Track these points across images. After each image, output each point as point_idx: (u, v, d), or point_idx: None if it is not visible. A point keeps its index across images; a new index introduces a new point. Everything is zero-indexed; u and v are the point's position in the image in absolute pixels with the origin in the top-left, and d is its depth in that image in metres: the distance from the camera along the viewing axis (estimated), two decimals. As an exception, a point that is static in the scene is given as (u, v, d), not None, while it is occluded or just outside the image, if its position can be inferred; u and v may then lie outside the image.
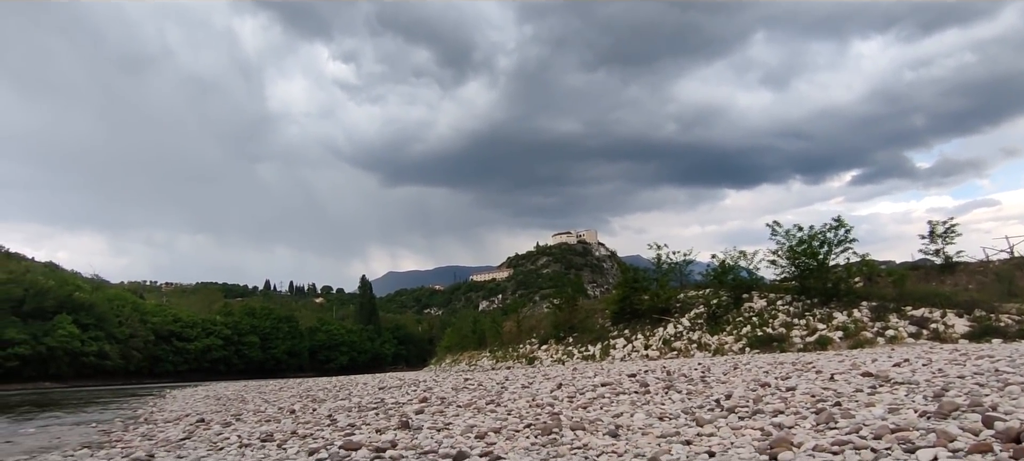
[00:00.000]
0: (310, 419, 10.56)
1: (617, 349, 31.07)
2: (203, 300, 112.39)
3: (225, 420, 12.12)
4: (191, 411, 15.70)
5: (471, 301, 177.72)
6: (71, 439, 11.71)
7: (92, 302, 70.61)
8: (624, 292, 35.16)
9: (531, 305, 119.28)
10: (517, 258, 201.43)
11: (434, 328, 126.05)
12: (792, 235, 28.64)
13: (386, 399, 12.81)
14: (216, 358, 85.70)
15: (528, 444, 6.25)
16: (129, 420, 15.18)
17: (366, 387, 18.85)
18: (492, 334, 49.51)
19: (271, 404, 15.49)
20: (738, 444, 5.36)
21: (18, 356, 59.45)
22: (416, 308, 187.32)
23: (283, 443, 7.94)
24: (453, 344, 57.29)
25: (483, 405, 9.97)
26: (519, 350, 39.93)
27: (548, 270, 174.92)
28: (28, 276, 66.43)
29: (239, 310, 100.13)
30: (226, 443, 8.61)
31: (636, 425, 6.76)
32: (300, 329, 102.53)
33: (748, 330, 26.67)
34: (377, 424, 8.71)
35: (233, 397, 20.79)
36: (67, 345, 64.04)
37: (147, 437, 10.61)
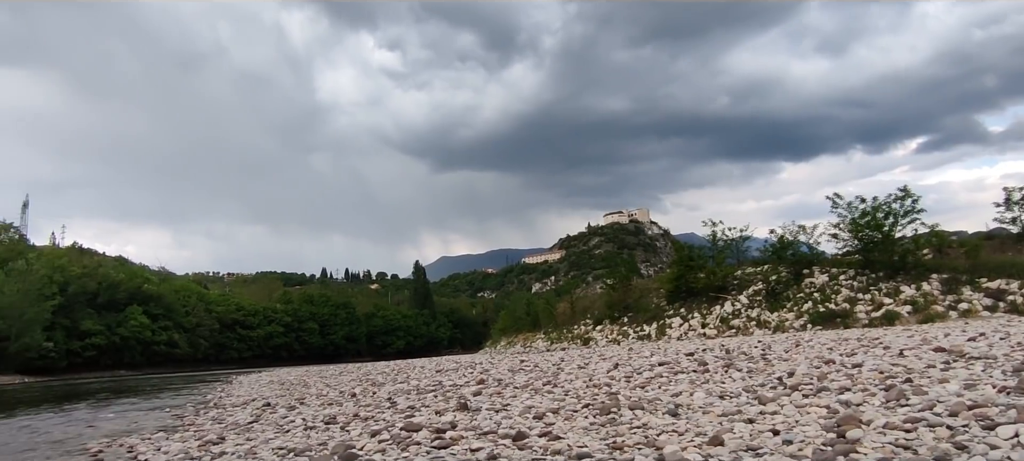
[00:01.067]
0: (371, 402, 10.79)
1: (673, 328, 30.71)
2: (263, 289, 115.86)
3: (290, 404, 12.50)
4: (257, 396, 16.24)
5: (524, 283, 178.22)
6: (147, 423, 12.27)
7: (160, 293, 73.73)
8: (679, 270, 34.66)
9: (584, 286, 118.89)
10: (569, 239, 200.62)
11: (488, 311, 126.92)
12: (854, 207, 27.66)
13: (444, 382, 12.98)
14: (278, 345, 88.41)
15: (587, 424, 6.24)
16: (200, 405, 15.81)
17: (423, 370, 19.15)
18: (546, 316, 49.55)
19: (332, 388, 15.89)
20: (803, 422, 5.23)
21: (95, 346, 62.69)
22: (469, 292, 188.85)
23: (346, 425, 8.13)
24: (507, 326, 57.58)
25: (540, 386, 9.99)
26: (573, 331, 39.88)
27: (600, 250, 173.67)
28: (101, 270, 69.76)
29: (298, 298, 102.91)
30: (292, 426, 8.87)
31: (696, 404, 6.67)
32: (357, 315, 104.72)
33: (809, 306, 25.97)
34: (436, 406, 8.84)
35: (296, 382, 21.42)
36: (139, 335, 67.16)
37: (218, 421, 11.03)
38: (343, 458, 5.80)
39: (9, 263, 56.75)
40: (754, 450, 4.51)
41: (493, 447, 5.53)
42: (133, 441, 9.30)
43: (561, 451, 5.06)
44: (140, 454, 7.95)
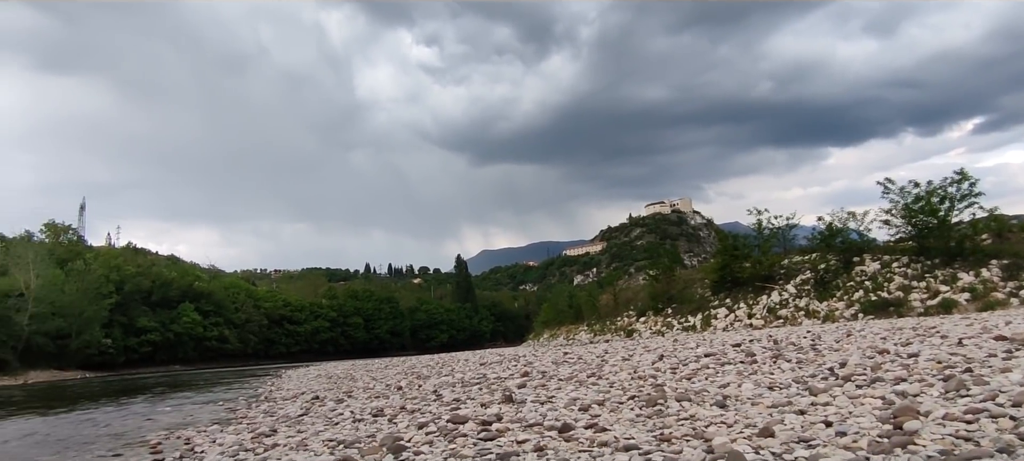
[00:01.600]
0: (417, 394, 10.91)
1: (719, 319, 30.27)
2: (309, 285, 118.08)
3: (338, 397, 12.73)
4: (306, 389, 16.59)
5: (565, 276, 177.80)
6: (202, 416, 12.65)
7: (211, 291, 75.89)
8: (724, 260, 34.09)
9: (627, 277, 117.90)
10: (610, 231, 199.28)
11: (530, 304, 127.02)
12: (907, 192, 26.78)
13: (488, 374, 13.04)
14: (324, 339, 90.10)
15: (633, 416, 6.20)
16: (251, 398, 16.23)
17: (467, 363, 19.27)
18: (588, 308, 49.35)
19: (379, 381, 16.12)
20: (857, 413, 5.09)
21: (151, 342, 64.94)
22: (511, 285, 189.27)
23: (393, 418, 8.24)
24: (550, 319, 57.55)
25: (584, 378, 9.96)
26: (616, 323, 39.64)
27: (642, 241, 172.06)
28: (154, 269, 72.15)
29: (343, 293, 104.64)
30: (340, 418, 9.04)
31: (744, 395, 6.56)
32: (401, 309, 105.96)
33: (861, 295, 25.28)
34: (481, 398, 8.89)
35: (343, 376, 21.79)
36: (191, 331, 69.30)
37: (269, 413, 11.31)
38: (391, 450, 5.88)
39: (68, 263, 59.08)
40: (806, 442, 4.42)
41: (539, 439, 5.53)
42: (189, 433, 9.60)
43: (608, 443, 5.03)
44: (197, 446, 8.20)
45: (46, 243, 63.97)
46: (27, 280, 50.95)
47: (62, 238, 70.00)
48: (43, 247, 59.97)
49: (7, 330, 47.20)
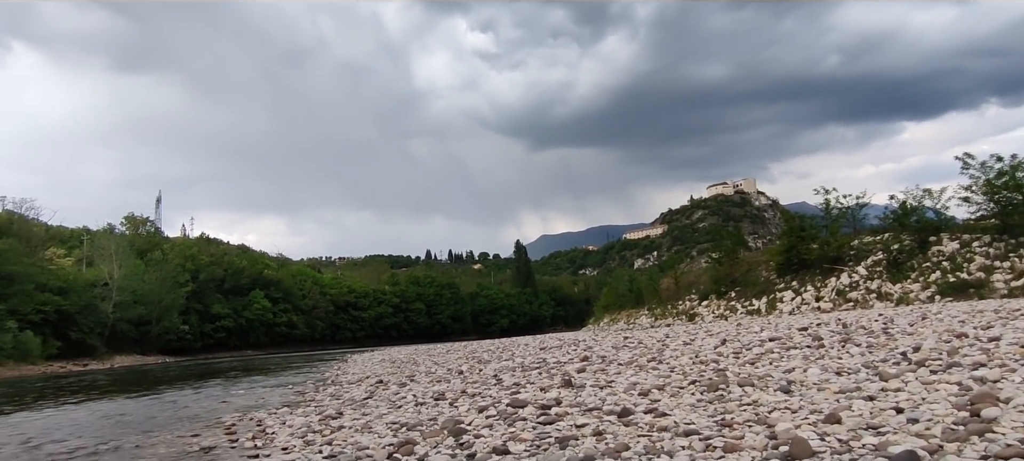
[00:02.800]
0: (477, 379, 11.05)
1: (785, 302, 29.47)
2: (372, 272, 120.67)
3: (401, 381, 13.02)
4: (371, 373, 17.01)
5: (625, 260, 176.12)
6: (273, 399, 13.15)
7: (279, 278, 78.61)
8: (790, 242, 33.10)
9: (688, 260, 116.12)
10: (671, 213, 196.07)
11: (590, 288, 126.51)
12: (989, 167, 25.36)
13: (548, 359, 13.08)
14: (388, 324, 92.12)
15: (694, 401, 6.12)
16: (319, 382, 16.76)
17: (527, 348, 19.37)
18: (649, 292, 48.82)
19: (440, 366, 16.39)
20: (930, 400, 4.89)
21: (225, 328, 67.89)
22: (571, 269, 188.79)
23: (454, 402, 8.37)
24: (610, 303, 57.23)
25: (644, 363, 9.88)
26: (678, 307, 39.10)
27: (704, 224, 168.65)
28: (226, 258, 75.17)
29: (405, 279, 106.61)
30: (403, 402, 9.24)
31: (810, 381, 6.38)
32: (461, 295, 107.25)
33: (937, 276, 24.16)
34: (541, 383, 8.93)
35: (406, 360, 22.24)
36: (262, 317, 72.03)
37: (335, 397, 11.66)
38: (452, 433, 5.98)
39: (147, 254, 62.12)
40: (875, 429, 4.27)
41: (598, 423, 5.53)
42: (261, 415, 10.00)
43: (667, 428, 4.99)
44: (268, 427, 8.54)
45: (127, 235, 67.47)
46: (111, 270, 53.87)
47: (141, 230, 73.73)
48: (124, 239, 63.25)
49: (94, 318, 50.07)
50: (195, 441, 8.09)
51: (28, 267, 46.82)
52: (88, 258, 57.80)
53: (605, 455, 4.41)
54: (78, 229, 67.16)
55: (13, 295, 42.65)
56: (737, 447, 4.21)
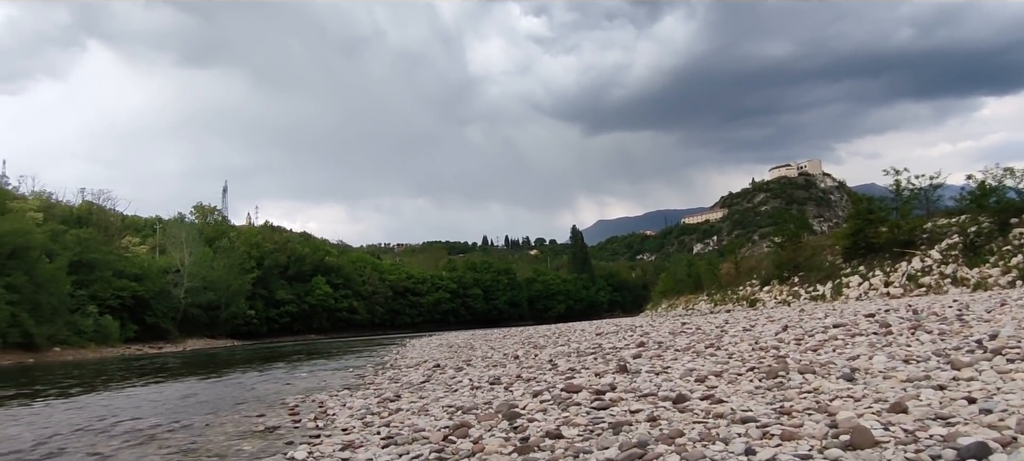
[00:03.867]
0: (532, 364, 11.09)
1: (851, 288, 28.49)
2: (430, 258, 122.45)
3: (457, 365, 13.19)
4: (428, 358, 17.29)
5: (684, 244, 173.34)
6: (334, 382, 13.52)
7: (340, 265, 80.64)
8: (857, 225, 31.90)
9: (750, 245, 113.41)
10: (731, 197, 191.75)
11: (647, 274, 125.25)
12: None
13: (603, 344, 13.02)
14: (445, 310, 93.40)
15: (751, 388, 5.98)
16: (378, 365, 17.14)
17: (583, 333, 19.33)
18: (708, 277, 47.98)
19: (496, 350, 16.52)
20: (1007, 390, 4.64)
21: (289, 313, 70.16)
22: (628, 255, 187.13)
23: (509, 386, 8.43)
24: (668, 289, 56.55)
25: (702, 349, 9.72)
26: (738, 292, 38.30)
27: (766, 207, 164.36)
28: (289, 245, 77.58)
29: (462, 265, 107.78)
30: (459, 385, 9.37)
31: (876, 368, 6.15)
32: (518, 280, 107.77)
33: (1019, 260, 22.89)
34: (596, 368, 8.90)
35: (463, 345, 22.50)
36: (324, 302, 74.10)
37: (394, 380, 11.91)
38: (506, 416, 6.03)
39: (215, 242, 64.56)
40: (944, 419, 4.09)
41: (653, 409, 5.47)
42: (323, 397, 10.31)
43: (724, 415, 4.89)
44: (329, 409, 8.80)
45: (196, 224, 70.30)
46: (182, 258, 56.27)
47: (209, 219, 76.70)
48: (194, 227, 65.92)
49: (168, 303, 52.45)
50: (260, 421, 8.40)
51: (107, 255, 49.42)
52: (161, 246, 60.54)
53: (659, 441, 4.37)
54: (151, 218, 70.39)
55: (94, 281, 45.06)
56: (795, 435, 4.10)
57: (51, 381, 18.35)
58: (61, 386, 16.45)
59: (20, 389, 15.91)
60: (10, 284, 34.56)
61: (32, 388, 16.09)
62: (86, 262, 45.29)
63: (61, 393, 14.36)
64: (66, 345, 37.93)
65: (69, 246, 44.28)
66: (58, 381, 18.30)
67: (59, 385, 16.79)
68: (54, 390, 15.26)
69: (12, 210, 43.71)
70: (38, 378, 19.86)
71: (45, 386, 16.54)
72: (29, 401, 12.83)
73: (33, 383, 17.75)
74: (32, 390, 15.48)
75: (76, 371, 23.39)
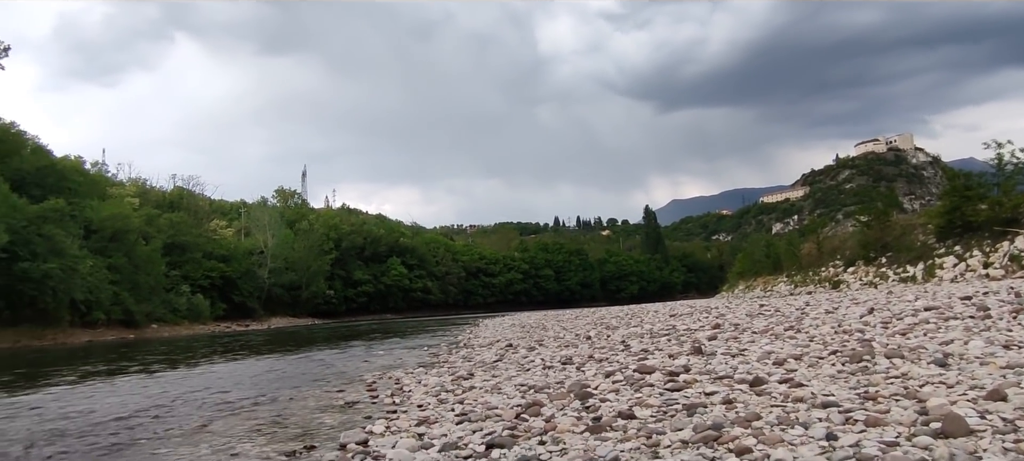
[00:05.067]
0: (605, 344, 11.04)
1: (945, 269, 26.90)
2: (501, 239, 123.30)
3: (529, 345, 13.27)
4: (501, 337, 17.48)
5: (762, 224, 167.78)
6: (409, 360, 13.87)
7: (414, 246, 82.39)
8: (953, 202, 29.94)
9: (833, 224, 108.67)
10: (813, 174, 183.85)
11: (724, 254, 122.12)
12: None
13: (677, 326, 12.82)
14: (517, 291, 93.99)
15: (834, 372, 5.76)
16: (452, 345, 17.46)
17: (657, 315, 19.08)
18: (788, 258, 46.30)
19: (568, 331, 16.52)
20: (1123, 377, 4.29)
21: (365, 293, 72.30)
22: (703, 235, 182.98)
23: (581, 366, 8.43)
24: (745, 270, 54.97)
25: (781, 331, 9.42)
26: (820, 274, 36.86)
27: (851, 185, 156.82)
28: (365, 227, 79.83)
29: (534, 246, 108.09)
30: (531, 365, 9.43)
31: (971, 354, 5.80)
32: (590, 261, 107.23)
33: None
34: (669, 349, 8.77)
35: (535, 325, 22.62)
36: (399, 283, 75.95)
37: (467, 359, 12.10)
38: (578, 396, 6.03)
39: (296, 224, 67.05)
40: (1049, 408, 3.82)
41: (728, 392, 5.35)
42: (399, 374, 10.59)
43: (803, 399, 4.73)
44: (405, 385, 9.03)
45: (278, 207, 73.21)
46: (265, 240, 58.76)
47: (290, 202, 79.73)
48: (276, 210, 68.67)
49: (253, 283, 54.96)
50: (340, 396, 8.72)
51: (197, 237, 52.20)
52: (245, 229, 63.38)
53: (735, 423, 4.27)
54: (236, 202, 73.71)
55: (186, 262, 47.71)
56: (881, 421, 3.92)
57: (149, 356, 19.61)
58: (158, 361, 17.56)
59: (122, 363, 17.07)
60: (112, 265, 37.00)
61: (132, 362, 17.24)
62: (178, 244, 48.00)
63: (158, 367, 15.32)
64: (162, 322, 40.39)
65: (163, 229, 46.99)
66: (156, 356, 19.54)
67: (156, 360, 17.92)
68: (152, 364, 16.31)
69: (112, 196, 46.70)
70: (138, 353, 21.25)
71: (143, 361, 17.68)
72: (129, 374, 13.76)
73: (133, 357, 19.01)
74: (133, 364, 16.59)
75: (171, 347, 24.90)
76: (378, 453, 4.89)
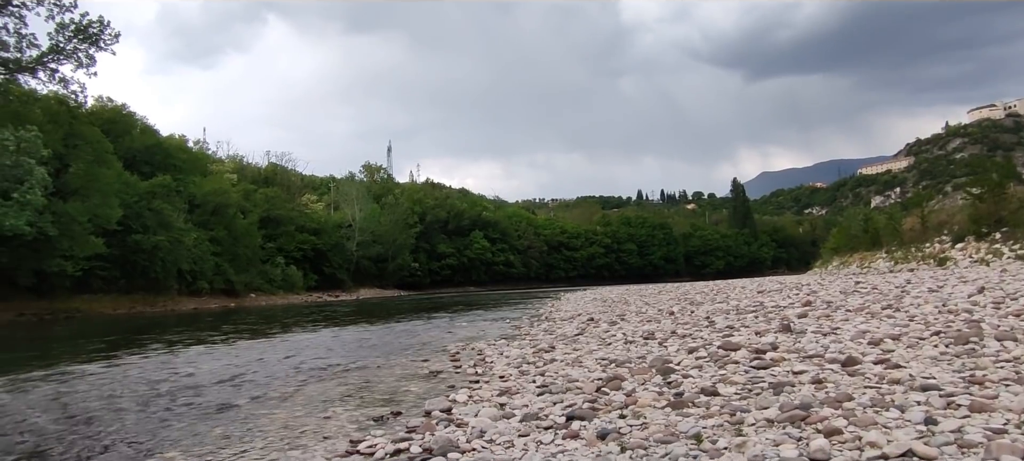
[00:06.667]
0: (688, 320, 10.84)
1: (1066, 245, 24.79)
2: (583, 213, 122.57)
3: (611, 320, 13.19)
4: (582, 311, 17.45)
5: (860, 197, 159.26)
6: (491, 332, 14.09)
7: (496, 220, 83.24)
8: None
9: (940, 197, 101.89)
10: (918, 144, 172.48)
11: (817, 229, 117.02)
12: None
13: (765, 302, 12.42)
14: (599, 265, 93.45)
15: (936, 353, 5.43)
16: (533, 318, 17.59)
17: (744, 291, 18.53)
18: (888, 233, 43.78)
19: (651, 306, 16.31)
20: None
21: (449, 266, 73.82)
22: (795, 208, 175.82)
23: (663, 341, 8.31)
24: (840, 245, 52.42)
25: (878, 310, 8.96)
26: (924, 250, 34.71)
27: (962, 154, 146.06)
28: (449, 201, 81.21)
29: (616, 220, 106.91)
30: (613, 339, 9.38)
31: (1096, 337, 5.34)
32: (674, 235, 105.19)
33: None
34: (756, 327, 8.52)
35: (617, 300, 22.45)
36: (482, 256, 77.07)
37: (548, 332, 12.17)
38: (660, 371, 5.96)
39: (382, 199, 68.98)
40: None
41: (818, 371, 5.15)
42: (481, 345, 10.78)
43: (901, 381, 4.50)
44: (487, 357, 9.19)
45: (365, 182, 75.49)
46: (353, 214, 60.84)
47: (376, 177, 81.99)
48: (363, 185, 70.87)
49: (342, 256, 57.12)
50: (425, 365, 8.98)
51: (290, 211, 54.65)
52: (334, 203, 65.76)
53: (824, 404, 4.11)
54: (325, 177, 76.49)
55: (280, 235, 50.13)
56: (987, 407, 3.68)
57: (248, 323, 20.79)
58: (256, 328, 18.60)
59: (224, 330, 18.18)
60: (214, 238, 39.33)
61: (233, 329, 18.33)
62: (273, 218, 50.44)
63: (256, 334, 16.23)
64: (259, 292, 42.69)
65: (259, 204, 49.45)
66: (254, 324, 20.69)
67: (254, 327, 18.99)
68: (251, 331, 17.30)
69: (212, 173, 49.47)
70: (238, 320, 22.58)
71: (243, 328, 18.77)
72: (230, 341, 14.64)
73: (234, 324, 20.21)
74: (233, 331, 17.65)
75: (267, 315, 26.29)
76: (461, 421, 5.01)
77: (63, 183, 27.61)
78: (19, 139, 23.57)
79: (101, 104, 40.05)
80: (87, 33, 27.10)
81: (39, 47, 26.76)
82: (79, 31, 26.97)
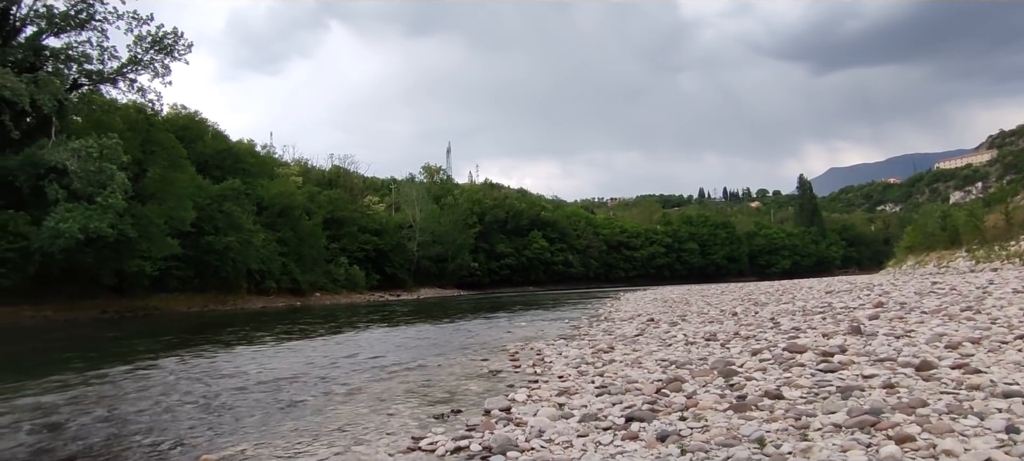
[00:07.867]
0: (752, 321, 10.58)
1: None
2: (643, 212, 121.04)
3: (672, 320, 13.01)
4: (642, 312, 17.26)
5: (937, 193, 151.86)
6: (550, 331, 14.08)
7: (555, 219, 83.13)
8: None
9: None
10: (1002, 136, 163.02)
11: (890, 227, 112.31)
12: None
13: (833, 303, 12.01)
14: (660, 264, 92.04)
15: (1020, 358, 5.15)
16: (593, 318, 17.49)
17: (811, 291, 17.97)
18: (969, 230, 41.62)
19: (713, 306, 16.00)
20: None
21: (508, 266, 74.16)
22: (866, 205, 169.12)
23: (726, 343, 8.15)
24: (916, 244, 50.13)
25: (956, 312, 8.55)
26: (1008, 248, 32.86)
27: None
28: (507, 201, 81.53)
29: (677, 219, 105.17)
30: (673, 340, 9.25)
31: None
32: (737, 234, 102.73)
33: None
34: (824, 328, 8.25)
35: (678, 300, 22.10)
36: (540, 256, 77.10)
37: (608, 332, 12.09)
38: (722, 373, 5.85)
39: (441, 199, 69.87)
40: None
41: (890, 375, 4.96)
42: (540, 345, 10.80)
43: (980, 386, 4.28)
44: (546, 356, 9.20)
45: (424, 183, 76.56)
46: (413, 214, 61.82)
47: (436, 178, 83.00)
48: (423, 186, 71.92)
49: (404, 255, 58.13)
50: (485, 364, 9.06)
51: (353, 212, 56.01)
52: (395, 204, 66.95)
53: (896, 409, 3.95)
54: (387, 179, 77.90)
55: (343, 235, 51.43)
56: (1078, 415, 3.47)
57: (314, 322, 21.41)
58: (321, 326, 19.13)
59: (291, 327, 18.78)
60: (280, 238, 40.67)
61: (299, 327, 18.91)
62: (336, 219, 51.79)
63: (321, 332, 16.70)
64: (324, 291, 43.89)
65: (323, 205, 50.84)
66: (319, 322, 21.29)
67: (319, 325, 19.53)
68: (316, 329, 17.80)
69: (279, 176, 51.14)
70: (304, 319, 23.27)
71: (309, 326, 19.34)
72: (297, 338, 15.11)
73: (300, 323, 20.84)
74: (300, 329, 18.20)
75: (332, 314, 27.00)
76: (520, 420, 5.04)
77: (141, 187, 29.06)
78: (102, 146, 24.96)
79: (175, 111, 41.96)
80: (163, 44, 28.55)
81: (119, 59, 28.38)
82: (156, 43, 28.43)
